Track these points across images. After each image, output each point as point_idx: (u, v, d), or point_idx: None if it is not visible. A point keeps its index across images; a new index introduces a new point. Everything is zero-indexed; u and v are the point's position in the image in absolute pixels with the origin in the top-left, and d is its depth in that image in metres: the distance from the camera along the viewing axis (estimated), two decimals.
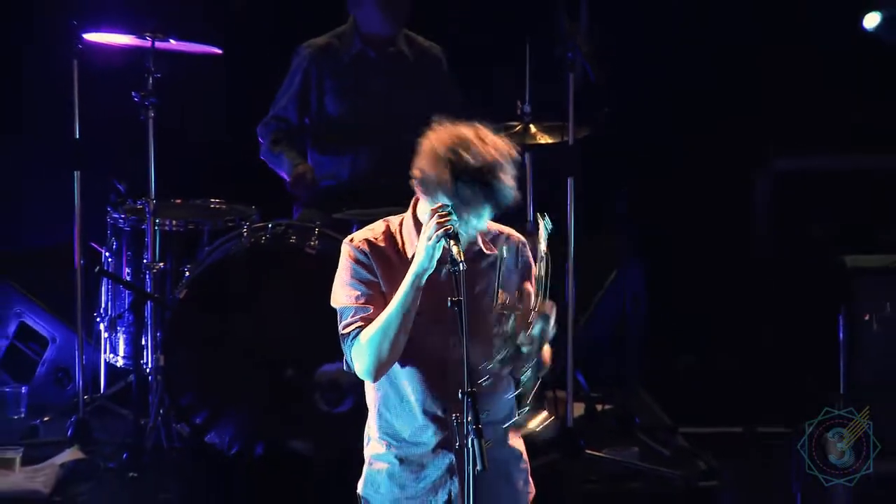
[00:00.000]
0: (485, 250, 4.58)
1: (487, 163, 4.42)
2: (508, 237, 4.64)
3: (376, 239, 4.56)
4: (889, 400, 6.55)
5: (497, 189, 4.42)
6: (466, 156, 4.42)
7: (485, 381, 4.41)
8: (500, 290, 4.52)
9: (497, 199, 4.44)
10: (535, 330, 4.44)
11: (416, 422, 4.55)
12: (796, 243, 8.31)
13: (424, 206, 4.51)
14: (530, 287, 4.60)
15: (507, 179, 4.44)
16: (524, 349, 4.44)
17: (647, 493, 6.67)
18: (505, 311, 4.48)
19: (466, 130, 4.48)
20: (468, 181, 4.40)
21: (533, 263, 4.65)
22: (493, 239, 4.63)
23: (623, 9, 8.16)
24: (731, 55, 8.24)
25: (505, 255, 4.60)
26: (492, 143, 4.46)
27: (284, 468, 6.61)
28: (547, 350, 4.57)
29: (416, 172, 4.51)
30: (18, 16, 7.93)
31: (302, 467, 6.60)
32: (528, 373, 4.48)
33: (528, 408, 4.60)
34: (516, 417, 4.59)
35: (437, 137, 4.48)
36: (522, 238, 4.66)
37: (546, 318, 4.46)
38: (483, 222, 4.50)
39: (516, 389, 4.54)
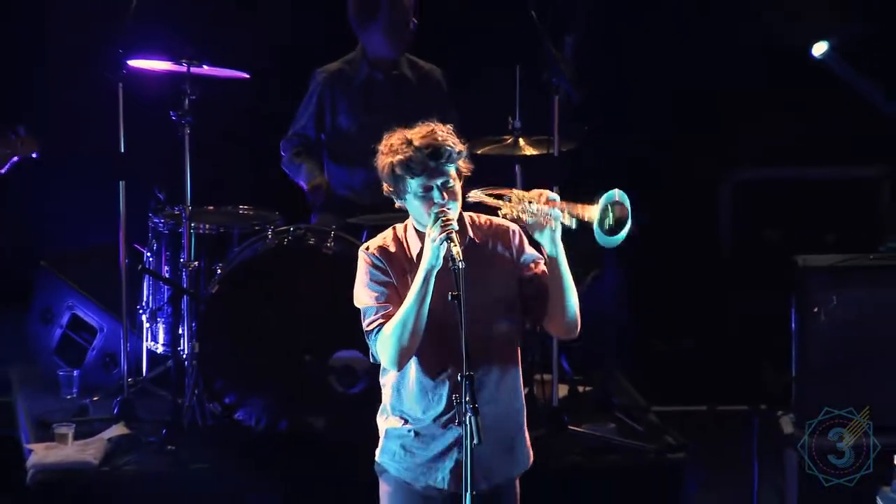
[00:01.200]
0: (476, 241, 4.78)
1: (407, 138, 4.67)
2: (498, 226, 4.82)
3: (387, 245, 4.77)
4: (835, 381, 6.67)
5: (426, 146, 4.64)
6: (391, 142, 4.72)
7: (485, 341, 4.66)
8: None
9: (433, 150, 4.62)
10: (532, 207, 4.65)
11: (428, 400, 4.78)
12: (755, 245, 8.53)
13: (414, 210, 4.72)
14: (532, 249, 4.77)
15: (427, 139, 4.66)
16: (530, 220, 4.65)
17: (622, 464, 6.84)
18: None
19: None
20: (402, 155, 4.65)
21: (527, 244, 4.79)
22: (483, 231, 4.79)
23: (607, 31, 8.38)
24: (702, 79, 8.45)
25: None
26: (411, 129, 4.70)
27: (304, 443, 6.77)
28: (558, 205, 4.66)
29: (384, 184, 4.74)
30: (73, 48, 8.10)
31: (320, 442, 6.76)
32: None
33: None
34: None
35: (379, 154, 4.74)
36: (513, 226, 4.79)
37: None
38: (444, 187, 4.65)
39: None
